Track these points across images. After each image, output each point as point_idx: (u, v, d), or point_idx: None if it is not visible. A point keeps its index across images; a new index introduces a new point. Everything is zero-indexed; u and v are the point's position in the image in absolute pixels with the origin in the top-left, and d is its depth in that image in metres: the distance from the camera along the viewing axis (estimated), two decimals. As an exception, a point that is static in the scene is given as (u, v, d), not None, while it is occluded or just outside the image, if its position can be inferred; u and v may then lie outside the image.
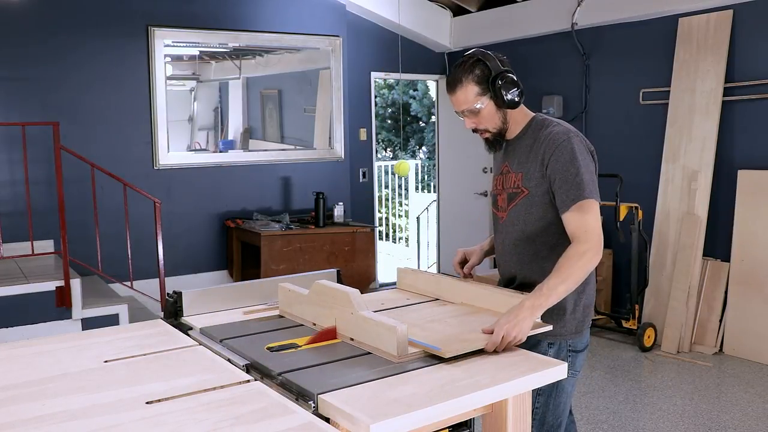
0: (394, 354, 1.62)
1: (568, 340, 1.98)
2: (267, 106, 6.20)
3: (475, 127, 2.01)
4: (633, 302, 4.89)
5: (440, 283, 2.24)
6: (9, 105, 4.99)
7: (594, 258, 1.85)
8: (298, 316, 2.01)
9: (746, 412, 3.75)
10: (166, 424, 1.32)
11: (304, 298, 1.98)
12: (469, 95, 1.95)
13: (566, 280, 1.81)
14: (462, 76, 1.95)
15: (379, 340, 1.67)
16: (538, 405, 1.95)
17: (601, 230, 1.88)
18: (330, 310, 1.86)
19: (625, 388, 4.13)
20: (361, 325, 1.73)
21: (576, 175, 1.87)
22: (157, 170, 5.55)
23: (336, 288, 1.84)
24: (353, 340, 1.77)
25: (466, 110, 1.97)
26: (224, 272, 5.93)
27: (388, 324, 1.64)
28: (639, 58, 5.31)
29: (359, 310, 1.75)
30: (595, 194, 1.89)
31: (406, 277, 2.40)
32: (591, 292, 2.04)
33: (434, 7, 6.76)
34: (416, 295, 2.29)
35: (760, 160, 4.62)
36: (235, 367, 1.66)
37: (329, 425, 1.33)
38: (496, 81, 1.92)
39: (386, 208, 8.92)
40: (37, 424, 1.33)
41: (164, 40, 5.49)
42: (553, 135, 1.93)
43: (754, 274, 4.55)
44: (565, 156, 1.89)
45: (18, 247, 4.64)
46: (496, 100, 1.95)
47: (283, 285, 2.09)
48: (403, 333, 1.63)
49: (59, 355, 1.76)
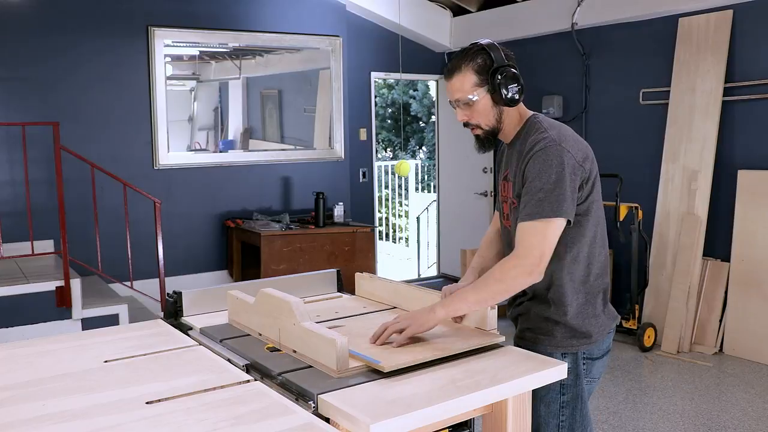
0: (334, 368, 1.55)
1: (582, 349, 1.86)
2: (267, 106, 6.20)
3: (468, 120, 1.88)
4: (633, 302, 4.89)
5: (398, 291, 2.15)
6: (9, 105, 4.99)
7: (522, 277, 1.72)
8: (245, 326, 1.93)
9: (746, 412, 3.75)
10: (166, 424, 1.32)
11: (251, 307, 1.89)
12: (466, 84, 1.82)
13: (481, 291, 1.74)
14: (462, 63, 1.83)
15: (320, 353, 1.59)
16: (564, 418, 1.85)
17: (546, 251, 1.72)
18: (275, 320, 1.77)
19: (625, 388, 4.12)
20: (303, 337, 1.65)
21: (540, 190, 1.73)
22: (157, 170, 5.55)
23: (279, 297, 1.75)
24: (296, 352, 1.69)
25: (461, 100, 1.85)
26: (224, 272, 5.93)
27: (328, 337, 1.57)
28: (639, 58, 5.31)
29: (301, 321, 1.66)
30: (559, 212, 1.72)
31: (364, 283, 2.31)
32: (596, 300, 1.88)
33: (434, 7, 6.76)
34: (374, 302, 2.22)
35: (760, 160, 4.62)
36: (235, 367, 1.66)
37: (329, 425, 1.34)
38: (497, 74, 1.80)
39: (386, 208, 8.92)
40: (37, 424, 1.33)
41: (164, 40, 5.49)
42: (534, 143, 1.80)
43: (754, 274, 4.55)
44: (535, 167, 1.76)
45: (18, 247, 4.64)
46: (493, 95, 1.82)
47: (231, 292, 2.01)
48: (343, 346, 1.55)
49: (59, 355, 1.76)
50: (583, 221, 1.83)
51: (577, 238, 1.83)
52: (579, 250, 1.84)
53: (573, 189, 1.76)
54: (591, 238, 1.85)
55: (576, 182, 1.77)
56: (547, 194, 1.72)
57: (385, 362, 1.55)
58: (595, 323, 1.88)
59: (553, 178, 1.73)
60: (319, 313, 2.07)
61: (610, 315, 1.94)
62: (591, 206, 1.84)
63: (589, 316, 1.87)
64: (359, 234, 5.57)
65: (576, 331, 1.85)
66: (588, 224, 1.84)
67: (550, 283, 1.84)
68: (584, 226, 1.83)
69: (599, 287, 1.90)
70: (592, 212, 1.85)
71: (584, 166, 1.80)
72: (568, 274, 1.83)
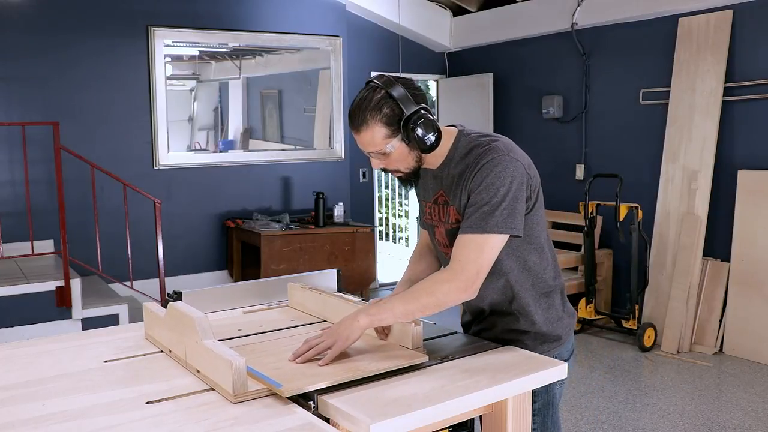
0: (230, 392, 1.41)
1: (554, 351, 1.85)
2: (267, 106, 6.20)
3: (385, 168, 1.76)
4: (633, 302, 4.89)
5: (326, 303, 2.01)
6: (9, 105, 4.99)
7: (455, 293, 1.63)
8: (158, 341, 1.81)
9: (746, 412, 3.75)
10: (166, 424, 1.32)
11: (162, 321, 1.77)
12: (377, 137, 1.67)
13: (409, 303, 1.63)
14: (368, 115, 1.65)
15: (219, 374, 1.46)
16: (535, 426, 1.83)
17: (483, 268, 1.64)
18: (181, 336, 1.64)
19: (625, 388, 4.12)
20: (205, 356, 1.52)
21: (486, 203, 1.64)
22: (157, 170, 5.55)
23: (184, 312, 1.61)
24: (199, 372, 1.56)
25: (373, 153, 1.71)
26: (224, 272, 5.93)
27: (225, 357, 1.43)
28: (639, 58, 5.30)
29: (203, 339, 1.53)
30: (503, 227, 1.63)
31: (296, 294, 2.16)
32: (555, 301, 1.87)
33: (434, 7, 6.76)
34: (304, 315, 2.09)
35: (760, 160, 4.62)
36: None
37: (329, 425, 1.34)
38: (409, 123, 1.65)
39: (386, 208, 8.91)
40: (37, 424, 1.33)
41: (164, 40, 5.49)
42: (479, 157, 1.69)
43: (754, 274, 4.55)
44: (484, 179, 1.66)
45: (18, 247, 4.64)
46: (409, 144, 1.69)
47: (147, 305, 1.90)
48: (240, 368, 1.41)
49: (59, 355, 1.76)
50: (533, 229, 1.78)
51: (529, 247, 1.79)
52: (532, 258, 1.80)
53: (522, 201, 1.68)
54: (540, 244, 1.82)
55: (524, 193, 1.69)
56: (493, 208, 1.63)
57: (287, 384, 1.44)
58: (561, 325, 1.87)
59: (502, 191, 1.64)
60: (240, 327, 1.96)
61: (570, 313, 1.93)
62: (537, 212, 1.79)
63: (555, 320, 1.86)
64: (359, 234, 5.57)
65: (546, 336, 1.84)
66: (536, 230, 1.79)
67: (512, 296, 1.81)
68: (533, 233, 1.78)
69: (557, 288, 1.88)
70: (539, 217, 1.80)
71: (530, 172, 1.72)
72: (526, 283, 1.81)
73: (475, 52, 6.72)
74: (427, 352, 1.66)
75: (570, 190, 5.74)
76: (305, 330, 1.92)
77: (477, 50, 6.71)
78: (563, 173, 5.86)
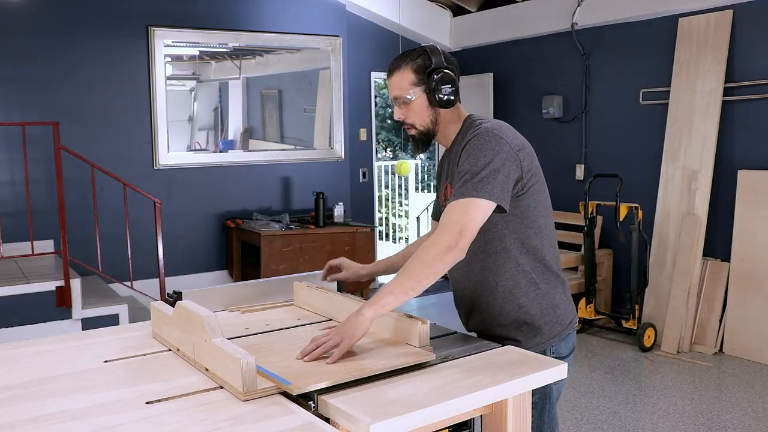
0: (240, 390, 1.43)
1: (551, 347, 1.87)
2: (267, 106, 6.20)
3: (403, 119, 1.90)
4: (633, 302, 4.89)
5: (333, 302, 2.01)
6: (9, 105, 4.99)
7: (443, 254, 1.65)
8: (166, 339, 1.82)
9: (746, 412, 3.75)
10: (166, 424, 1.32)
11: (170, 320, 1.78)
12: (404, 82, 1.86)
13: (405, 280, 1.66)
14: (402, 62, 1.87)
15: (229, 372, 1.47)
16: (532, 420, 1.80)
17: (467, 227, 1.67)
18: (190, 335, 1.66)
19: (625, 388, 4.12)
20: (214, 355, 1.54)
21: (467, 172, 1.72)
22: (157, 170, 5.55)
23: (193, 311, 1.63)
24: (208, 370, 1.57)
25: (398, 98, 1.88)
26: (224, 272, 5.93)
27: (234, 355, 1.45)
28: (639, 58, 5.31)
29: (212, 338, 1.55)
30: (482, 192, 1.68)
31: (302, 293, 2.17)
32: (554, 291, 1.88)
33: (434, 7, 6.76)
34: (311, 314, 2.09)
35: (760, 160, 4.62)
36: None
37: (329, 425, 1.33)
38: (433, 74, 1.83)
39: (386, 208, 8.92)
40: (37, 424, 1.32)
41: (164, 40, 5.49)
42: (469, 137, 1.80)
43: (754, 274, 4.55)
44: (467, 153, 1.76)
45: (18, 247, 4.64)
46: (429, 95, 1.85)
47: (155, 303, 1.90)
48: (249, 366, 1.42)
49: (59, 355, 1.76)
50: (530, 211, 1.81)
51: (528, 230, 1.82)
52: (533, 241, 1.83)
53: (506, 174, 1.72)
54: (540, 228, 1.84)
55: (510, 168, 1.73)
56: (473, 176, 1.71)
57: (296, 382, 1.44)
58: (556, 318, 1.88)
59: (482, 161, 1.72)
60: (248, 325, 1.97)
61: (570, 308, 1.94)
62: (534, 196, 1.82)
63: (549, 311, 1.87)
64: (359, 234, 5.57)
65: (540, 330, 1.85)
66: (533, 213, 1.82)
67: (507, 281, 1.84)
68: (530, 216, 1.81)
69: (558, 281, 1.89)
70: (537, 202, 1.83)
71: (519, 155, 1.77)
72: (526, 265, 1.83)
73: (475, 52, 6.72)
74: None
75: (570, 190, 5.74)
76: (312, 329, 1.92)
77: (477, 50, 6.71)
78: (563, 173, 5.86)
